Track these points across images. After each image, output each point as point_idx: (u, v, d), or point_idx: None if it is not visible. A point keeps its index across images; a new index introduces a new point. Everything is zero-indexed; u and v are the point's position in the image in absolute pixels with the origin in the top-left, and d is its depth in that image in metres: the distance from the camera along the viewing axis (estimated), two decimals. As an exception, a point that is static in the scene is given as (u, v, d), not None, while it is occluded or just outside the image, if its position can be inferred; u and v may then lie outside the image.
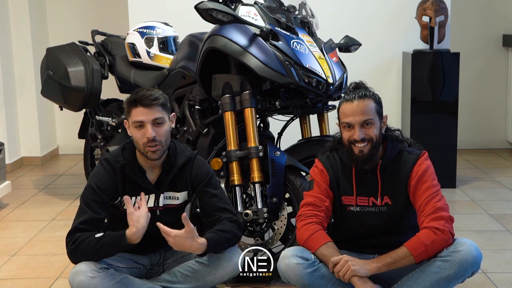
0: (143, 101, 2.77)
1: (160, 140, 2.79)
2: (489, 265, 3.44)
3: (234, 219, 2.85)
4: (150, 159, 2.82)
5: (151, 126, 2.77)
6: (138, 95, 2.79)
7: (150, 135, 2.76)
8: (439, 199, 2.65)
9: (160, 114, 2.80)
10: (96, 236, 2.67)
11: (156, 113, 2.79)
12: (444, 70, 5.06)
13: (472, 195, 4.89)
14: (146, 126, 2.77)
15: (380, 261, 2.60)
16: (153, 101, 2.78)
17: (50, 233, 4.21)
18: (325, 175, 2.83)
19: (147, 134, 2.76)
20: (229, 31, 3.30)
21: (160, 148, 2.80)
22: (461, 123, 5.38)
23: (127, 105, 2.83)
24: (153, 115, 2.78)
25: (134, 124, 2.80)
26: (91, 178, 2.85)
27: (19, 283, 3.39)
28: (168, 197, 2.92)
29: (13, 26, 6.09)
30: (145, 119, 2.77)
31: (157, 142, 2.78)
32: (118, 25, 5.91)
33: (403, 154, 2.78)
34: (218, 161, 3.33)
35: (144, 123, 2.78)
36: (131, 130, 2.84)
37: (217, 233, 2.76)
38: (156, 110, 2.79)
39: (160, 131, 2.80)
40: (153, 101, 2.78)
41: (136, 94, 2.81)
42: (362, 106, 2.69)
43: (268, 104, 3.38)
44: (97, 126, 4.66)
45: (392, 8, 5.32)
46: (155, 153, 2.79)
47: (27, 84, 6.19)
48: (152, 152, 2.79)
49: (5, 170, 4.90)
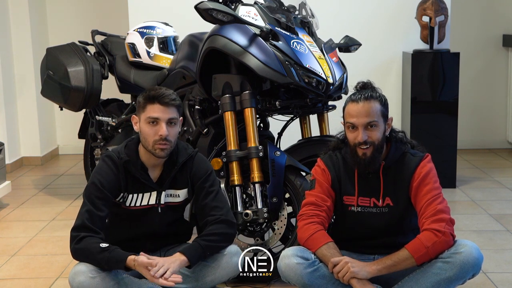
0: (162, 98, 2.81)
1: (170, 140, 2.83)
2: (489, 265, 3.44)
3: (220, 218, 2.86)
4: (158, 156, 2.84)
5: (165, 125, 2.80)
6: (157, 92, 2.84)
7: (164, 133, 2.79)
8: (440, 202, 2.65)
9: (175, 115, 2.85)
10: (101, 246, 2.68)
11: (172, 113, 2.83)
12: (444, 70, 5.06)
13: (472, 195, 4.89)
14: (160, 123, 2.81)
15: (380, 264, 2.60)
16: (172, 101, 2.83)
17: (50, 233, 4.21)
18: (327, 174, 2.82)
19: (161, 131, 2.79)
20: (229, 31, 3.30)
21: (168, 147, 2.83)
22: (461, 123, 5.38)
23: (143, 100, 2.85)
24: (169, 114, 2.82)
25: (148, 119, 2.82)
26: (93, 175, 2.86)
27: (19, 283, 3.39)
28: (170, 195, 2.94)
29: (13, 26, 6.09)
30: (161, 117, 2.81)
31: (168, 141, 2.81)
32: (118, 25, 5.91)
33: (406, 156, 2.78)
34: (218, 161, 3.33)
35: (159, 121, 2.81)
36: (141, 126, 2.86)
37: (196, 241, 2.80)
38: (172, 110, 2.83)
39: (172, 131, 2.84)
40: (171, 101, 2.83)
41: (155, 91, 2.84)
42: (367, 108, 2.68)
43: (268, 104, 3.38)
44: (97, 126, 4.66)
45: (392, 8, 5.32)
46: (163, 151, 2.82)
47: (27, 84, 6.19)
48: (160, 149, 2.81)
49: (5, 170, 4.90)
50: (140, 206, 2.90)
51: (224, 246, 2.86)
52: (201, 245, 2.78)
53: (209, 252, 2.81)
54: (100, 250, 2.66)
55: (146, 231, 2.93)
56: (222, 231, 2.84)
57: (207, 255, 2.80)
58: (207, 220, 2.87)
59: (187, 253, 2.74)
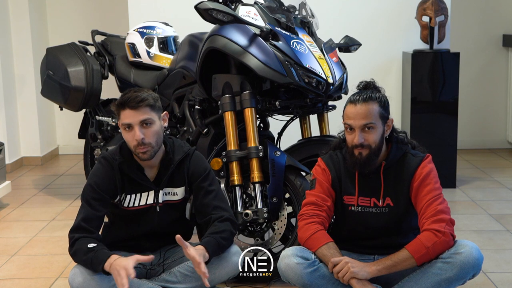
0: (129, 103, 2.76)
1: (149, 142, 2.79)
2: (489, 265, 3.44)
3: (225, 217, 2.85)
4: (142, 159, 2.83)
5: (139, 128, 2.77)
6: (124, 97, 2.79)
7: (138, 137, 2.76)
8: (440, 202, 2.64)
9: (148, 115, 2.79)
10: (88, 246, 2.67)
11: (143, 115, 2.77)
12: (444, 70, 5.06)
13: (472, 195, 4.89)
14: (134, 128, 2.77)
15: (380, 264, 2.60)
16: (139, 103, 2.77)
17: (50, 233, 4.21)
18: (328, 174, 2.82)
19: (135, 136, 2.76)
20: (229, 31, 3.30)
21: (150, 149, 2.80)
22: (461, 123, 5.39)
23: (116, 107, 2.82)
24: (140, 116, 2.77)
25: (123, 126, 2.81)
26: (90, 177, 2.86)
27: (19, 283, 3.39)
28: (167, 193, 2.93)
29: (13, 26, 6.09)
30: (132, 122, 2.77)
31: (146, 144, 2.78)
32: (118, 25, 5.91)
33: (407, 156, 2.78)
34: (218, 161, 3.33)
35: (132, 125, 2.78)
36: (122, 132, 2.85)
37: (212, 236, 2.77)
38: (143, 112, 2.77)
39: (149, 132, 2.79)
40: (139, 103, 2.77)
41: (123, 97, 2.80)
42: (365, 110, 2.68)
43: (268, 104, 3.38)
44: (97, 126, 4.66)
45: (392, 8, 5.32)
46: (145, 154, 2.80)
47: (27, 84, 6.19)
48: (142, 153, 2.80)
49: (5, 170, 4.90)
50: (138, 206, 2.89)
51: (229, 245, 2.85)
52: (218, 242, 2.76)
53: (221, 252, 2.80)
54: (86, 251, 2.66)
55: (146, 231, 2.93)
56: (230, 230, 2.83)
57: (219, 253, 2.79)
58: (211, 217, 2.85)
59: (209, 249, 2.70)
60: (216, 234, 2.78)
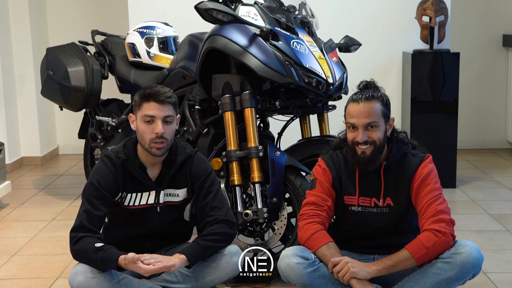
0: (157, 96, 2.81)
1: (167, 138, 2.82)
2: (489, 265, 3.44)
3: (219, 218, 2.85)
4: (154, 155, 2.83)
5: (161, 123, 2.80)
6: (153, 90, 2.83)
7: (160, 131, 2.78)
8: (440, 202, 2.64)
9: (171, 112, 2.84)
10: (96, 245, 2.68)
11: (168, 111, 2.82)
12: (444, 70, 5.06)
13: (472, 195, 4.89)
14: (156, 121, 2.80)
15: (380, 264, 2.59)
16: (167, 99, 2.82)
17: (50, 233, 4.21)
18: (328, 174, 2.82)
19: (157, 129, 2.79)
20: (229, 31, 3.30)
21: (165, 146, 2.83)
22: (461, 123, 5.38)
23: (139, 98, 2.84)
24: (165, 112, 2.81)
25: (144, 118, 2.81)
26: (92, 175, 2.86)
27: (19, 283, 3.39)
28: (169, 194, 2.94)
29: (13, 26, 6.09)
30: (157, 115, 2.80)
31: (164, 139, 2.81)
32: (118, 25, 5.92)
33: (408, 156, 2.78)
34: (218, 161, 3.33)
35: (155, 119, 2.80)
36: (138, 124, 2.85)
37: (195, 241, 2.80)
38: (168, 108, 2.83)
39: (169, 129, 2.83)
40: (167, 99, 2.82)
41: (151, 89, 2.84)
42: (368, 108, 2.68)
43: (268, 104, 3.38)
44: (97, 126, 4.66)
45: (392, 8, 5.32)
46: (159, 150, 2.82)
47: (27, 84, 6.19)
48: (157, 148, 2.81)
49: (5, 170, 4.90)
50: (139, 206, 2.90)
51: (224, 246, 2.85)
52: (201, 245, 2.78)
53: (209, 252, 2.81)
54: (95, 250, 2.66)
55: (145, 231, 2.93)
56: (222, 231, 2.84)
57: (206, 255, 2.80)
58: (206, 221, 2.87)
59: (186, 253, 2.74)
60: (202, 237, 2.82)
